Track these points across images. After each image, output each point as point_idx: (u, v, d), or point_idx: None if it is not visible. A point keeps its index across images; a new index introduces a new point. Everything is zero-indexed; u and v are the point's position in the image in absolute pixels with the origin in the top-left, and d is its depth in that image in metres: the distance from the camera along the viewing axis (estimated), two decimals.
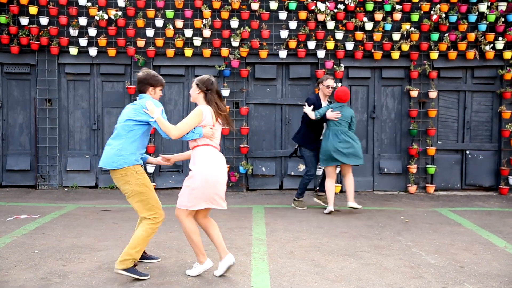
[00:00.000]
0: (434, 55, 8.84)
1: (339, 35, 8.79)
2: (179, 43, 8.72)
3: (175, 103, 9.08)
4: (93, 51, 8.74)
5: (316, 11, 8.71)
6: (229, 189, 8.77)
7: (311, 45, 8.80)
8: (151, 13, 8.67)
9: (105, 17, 8.64)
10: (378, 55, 8.84)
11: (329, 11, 8.69)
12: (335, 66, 8.82)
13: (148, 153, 8.80)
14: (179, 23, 8.69)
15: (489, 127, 9.21)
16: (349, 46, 8.80)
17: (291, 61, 8.97)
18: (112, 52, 8.73)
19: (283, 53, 8.80)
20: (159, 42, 8.72)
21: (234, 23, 8.73)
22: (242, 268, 4.67)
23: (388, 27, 8.77)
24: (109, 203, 7.84)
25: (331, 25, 8.74)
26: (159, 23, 8.69)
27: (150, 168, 8.76)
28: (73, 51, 8.75)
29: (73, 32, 8.71)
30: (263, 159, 9.10)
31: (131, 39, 8.83)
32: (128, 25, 8.77)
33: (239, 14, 8.78)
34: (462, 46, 8.82)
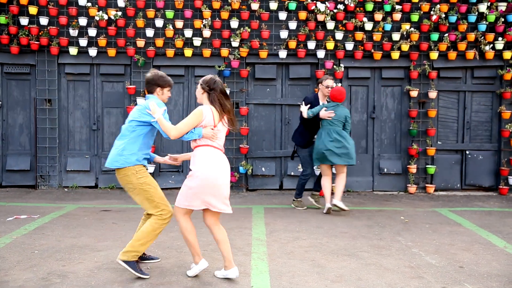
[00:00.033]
0: (434, 55, 8.84)
1: (339, 35, 8.79)
2: (179, 43, 8.72)
3: (175, 103, 9.08)
4: (93, 51, 8.75)
5: (316, 11, 8.72)
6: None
7: (311, 45, 8.81)
8: (151, 13, 8.68)
9: (105, 17, 8.64)
10: (378, 55, 8.85)
11: (329, 11, 8.69)
12: (335, 66, 8.82)
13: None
14: (179, 23, 8.70)
15: (489, 127, 9.21)
16: (349, 46, 8.80)
17: (291, 61, 8.97)
18: (112, 52, 8.73)
19: (283, 53, 8.81)
20: (159, 42, 8.72)
21: (234, 23, 8.74)
22: (242, 268, 4.67)
23: (388, 27, 8.78)
24: (109, 203, 7.84)
25: (331, 25, 8.75)
26: (159, 23, 8.69)
27: (150, 168, 8.75)
28: (73, 51, 8.75)
29: (73, 32, 8.71)
30: (263, 159, 9.10)
31: (131, 39, 8.83)
32: (128, 25, 8.77)
33: (239, 14, 8.78)
34: (462, 46, 8.82)
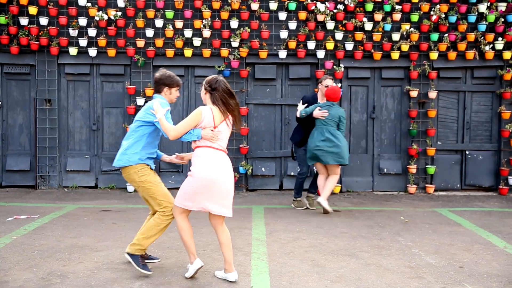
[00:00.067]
0: (433, 55, 8.84)
1: (339, 36, 8.79)
2: (179, 43, 8.72)
3: (175, 103, 9.07)
4: (92, 52, 8.74)
5: (315, 11, 8.72)
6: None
7: (311, 45, 8.81)
8: (150, 13, 8.68)
9: (105, 17, 8.64)
10: (377, 55, 8.85)
11: (328, 11, 8.69)
12: (334, 66, 8.82)
13: None
14: (179, 24, 8.70)
15: (489, 128, 9.21)
16: (349, 46, 8.80)
17: (291, 61, 8.98)
18: (111, 52, 8.73)
19: (282, 54, 8.81)
20: (159, 42, 8.72)
21: (233, 24, 8.74)
22: (242, 268, 4.67)
23: (387, 27, 8.78)
24: (108, 203, 7.84)
25: (330, 25, 8.75)
26: (159, 23, 8.69)
27: None
28: (73, 51, 8.75)
29: (73, 32, 8.71)
30: (262, 160, 9.10)
31: (130, 40, 8.83)
32: (127, 26, 8.77)
33: (239, 14, 8.78)
34: (461, 46, 8.82)
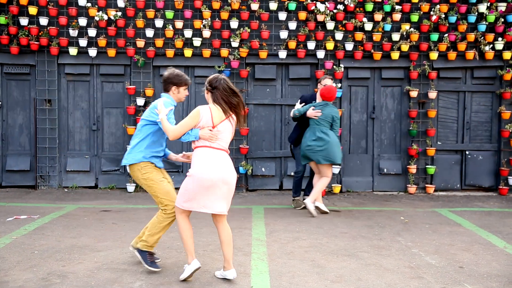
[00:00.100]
0: (433, 55, 8.84)
1: (339, 36, 8.79)
2: (179, 43, 8.72)
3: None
4: (92, 52, 8.74)
5: (315, 11, 8.72)
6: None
7: (311, 45, 8.81)
8: (150, 13, 8.68)
9: (105, 17, 8.64)
10: (377, 55, 8.85)
11: (328, 11, 8.69)
12: (334, 66, 8.82)
13: None
14: (179, 24, 8.70)
15: (489, 128, 9.21)
16: (349, 46, 8.80)
17: (291, 61, 8.98)
18: (111, 52, 8.73)
19: (282, 54, 8.81)
20: (159, 42, 8.72)
21: (233, 24, 8.74)
22: (242, 268, 4.67)
23: (387, 27, 8.78)
24: (108, 203, 7.84)
25: (330, 25, 8.75)
26: (159, 23, 8.69)
27: None
28: (73, 51, 8.75)
29: (73, 32, 8.71)
30: (262, 160, 9.10)
31: (130, 40, 8.83)
32: (127, 26, 8.77)
33: (239, 14, 8.78)
34: (461, 46, 8.82)
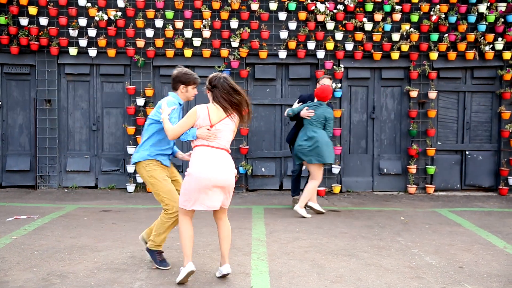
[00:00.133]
0: (433, 55, 8.84)
1: (339, 36, 8.79)
2: (179, 43, 8.72)
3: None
4: (92, 52, 8.74)
5: (315, 11, 8.71)
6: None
7: (311, 45, 8.81)
8: (150, 13, 8.68)
9: (105, 17, 8.64)
10: (377, 55, 8.85)
11: (328, 11, 8.69)
12: (334, 66, 8.82)
13: None
14: (179, 24, 8.70)
15: (489, 128, 9.21)
16: (349, 46, 8.80)
17: (291, 61, 8.97)
18: (111, 52, 8.73)
19: (282, 54, 8.80)
20: (159, 42, 8.72)
21: (233, 24, 8.74)
22: (241, 268, 4.67)
23: (387, 27, 8.78)
24: (108, 203, 7.84)
25: (330, 25, 8.75)
26: (159, 23, 8.69)
27: None
28: (73, 51, 8.75)
29: (73, 32, 8.71)
30: (262, 160, 9.10)
31: (130, 40, 8.83)
32: (127, 26, 8.77)
33: (239, 14, 8.78)
34: (461, 46, 8.82)
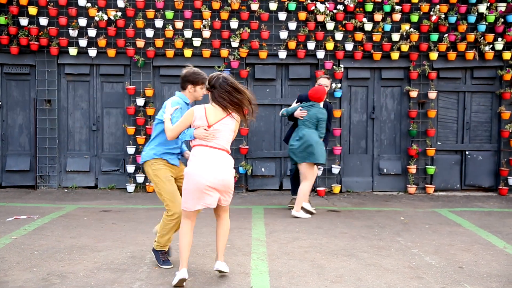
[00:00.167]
0: (433, 55, 8.84)
1: (339, 36, 8.79)
2: (179, 43, 8.72)
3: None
4: (92, 52, 8.74)
5: (315, 11, 8.72)
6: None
7: (311, 45, 8.81)
8: (150, 13, 8.68)
9: (105, 17, 8.64)
10: (377, 55, 8.85)
11: (328, 11, 8.69)
12: (334, 66, 8.82)
13: None
14: (179, 24, 8.70)
15: (489, 128, 9.22)
16: (349, 46, 8.80)
17: (291, 61, 8.97)
18: (111, 52, 8.73)
19: (282, 54, 8.81)
20: (159, 42, 8.72)
21: (233, 24, 8.74)
22: (241, 268, 4.67)
23: (387, 27, 8.78)
24: (108, 203, 7.84)
25: (330, 25, 8.75)
26: (159, 23, 8.69)
27: None
28: (73, 51, 8.75)
29: (73, 32, 8.71)
30: (262, 160, 9.10)
31: (130, 40, 8.83)
32: (127, 26, 8.77)
33: (239, 14, 8.78)
34: (461, 46, 8.82)
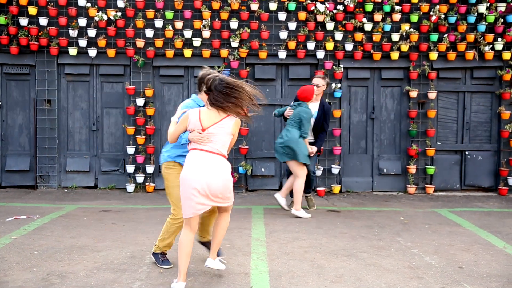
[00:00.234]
0: (433, 55, 8.85)
1: (339, 36, 8.79)
2: (179, 43, 8.72)
3: (175, 104, 9.07)
4: (92, 52, 8.74)
5: (315, 11, 8.72)
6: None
7: (311, 45, 8.81)
8: (150, 13, 8.68)
9: (105, 17, 8.64)
10: (377, 55, 8.85)
11: (328, 11, 8.69)
12: (334, 66, 8.82)
13: (148, 153, 8.81)
14: (179, 24, 8.70)
15: (488, 128, 9.22)
16: (349, 46, 8.80)
17: (291, 61, 8.98)
18: (111, 52, 8.73)
19: (282, 54, 8.81)
20: (159, 42, 8.72)
21: (233, 24, 8.74)
22: (241, 268, 4.67)
23: (387, 27, 8.78)
24: (108, 203, 7.84)
25: (330, 25, 8.75)
26: (159, 23, 8.69)
27: (149, 168, 8.77)
28: (73, 51, 8.74)
29: (73, 32, 8.71)
30: (262, 160, 9.10)
31: (130, 40, 8.83)
32: (127, 26, 8.77)
33: (239, 14, 8.78)
34: (461, 46, 8.82)
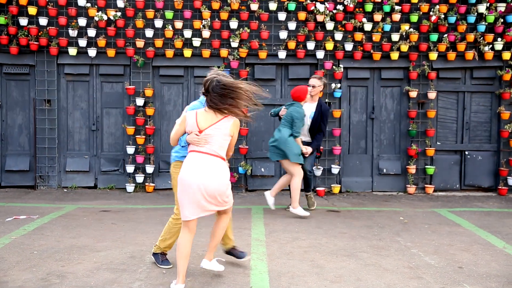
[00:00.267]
0: (433, 55, 8.85)
1: (338, 36, 8.80)
2: (179, 43, 8.72)
3: (174, 104, 9.08)
4: (92, 52, 8.74)
5: (315, 11, 8.72)
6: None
7: (310, 45, 8.81)
8: (150, 13, 8.68)
9: (105, 17, 8.64)
10: (377, 55, 8.85)
11: (328, 11, 8.69)
12: (334, 66, 8.83)
13: (147, 153, 8.81)
14: (179, 24, 8.70)
15: (488, 128, 9.22)
16: (348, 46, 8.81)
17: (290, 61, 8.98)
18: (111, 52, 8.73)
19: (282, 54, 8.81)
20: (159, 42, 8.72)
21: (233, 24, 8.74)
22: (241, 268, 4.67)
23: (387, 27, 8.78)
24: (108, 203, 7.84)
25: (330, 25, 8.75)
26: (159, 23, 8.69)
27: (149, 168, 8.77)
28: (72, 51, 8.74)
29: (72, 32, 8.71)
30: (262, 160, 9.10)
31: (130, 40, 8.83)
32: (127, 26, 8.77)
33: (239, 14, 8.78)
34: (461, 47, 8.83)
